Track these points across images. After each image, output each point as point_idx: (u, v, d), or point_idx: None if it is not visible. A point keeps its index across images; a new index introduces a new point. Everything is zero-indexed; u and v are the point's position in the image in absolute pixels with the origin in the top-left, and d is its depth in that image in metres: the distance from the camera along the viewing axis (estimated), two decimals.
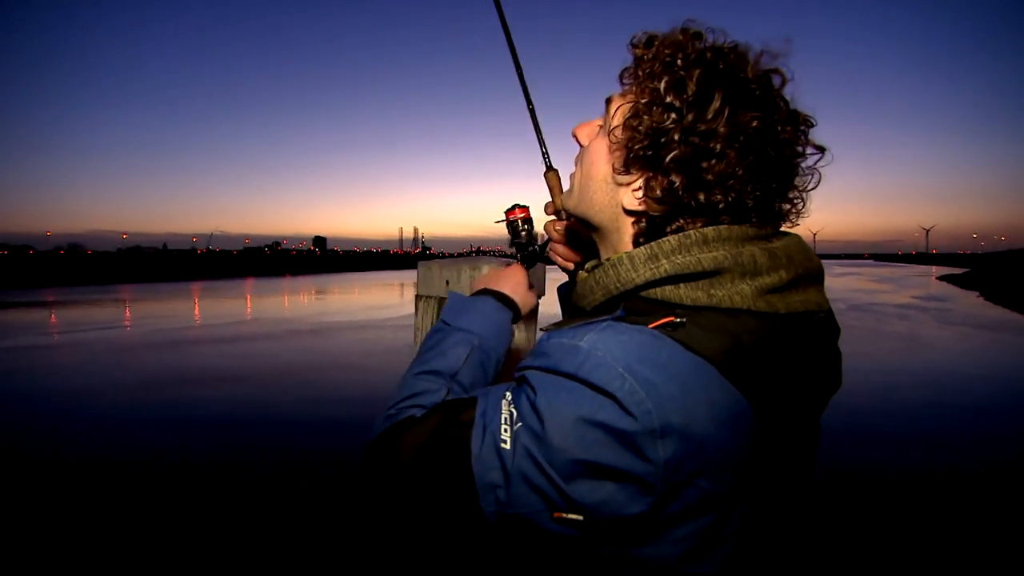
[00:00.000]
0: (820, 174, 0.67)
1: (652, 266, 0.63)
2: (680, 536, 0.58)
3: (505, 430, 0.59)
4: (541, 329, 0.75)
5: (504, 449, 0.59)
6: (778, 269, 0.62)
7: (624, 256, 0.66)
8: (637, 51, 0.66)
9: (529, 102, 1.08)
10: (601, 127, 0.73)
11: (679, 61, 0.62)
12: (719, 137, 0.60)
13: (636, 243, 0.69)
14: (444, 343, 0.82)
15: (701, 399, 0.55)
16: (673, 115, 0.61)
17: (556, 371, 0.59)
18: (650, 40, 0.66)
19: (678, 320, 0.59)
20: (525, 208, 1.02)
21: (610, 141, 0.68)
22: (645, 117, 0.63)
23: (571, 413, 0.56)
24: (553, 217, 0.99)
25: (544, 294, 1.46)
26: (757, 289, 0.60)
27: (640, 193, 0.66)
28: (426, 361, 0.80)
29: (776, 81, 0.64)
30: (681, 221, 0.65)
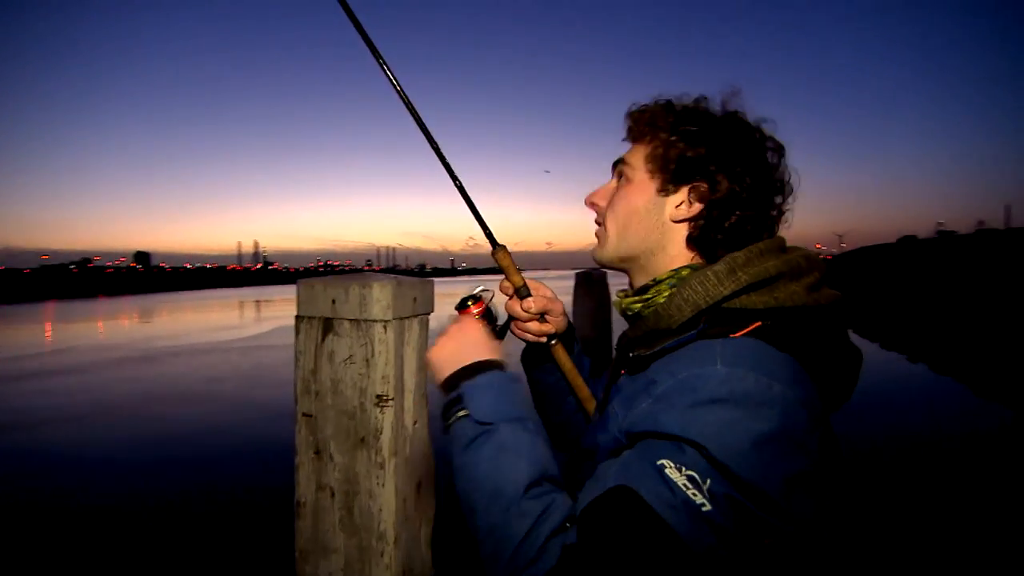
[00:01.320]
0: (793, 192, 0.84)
1: (734, 278, 0.72)
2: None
3: (695, 494, 0.58)
4: (624, 374, 0.80)
5: (707, 510, 0.58)
6: (812, 270, 0.75)
7: (708, 272, 0.74)
8: (650, 110, 0.85)
9: (455, 178, 1.04)
10: (623, 179, 0.87)
11: (692, 112, 0.82)
12: (731, 154, 0.79)
13: (691, 248, 0.82)
14: (507, 447, 0.71)
15: (807, 389, 0.65)
16: (696, 145, 0.79)
17: (707, 402, 0.62)
18: (657, 102, 0.85)
19: (763, 324, 0.69)
20: (480, 301, 0.96)
21: (650, 168, 0.83)
22: (672, 149, 0.81)
23: (746, 439, 0.59)
24: (512, 296, 1.00)
25: (432, 310, 1.48)
26: (806, 288, 0.73)
27: (684, 203, 0.81)
28: (512, 479, 0.68)
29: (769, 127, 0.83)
30: (729, 215, 0.79)
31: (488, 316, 0.96)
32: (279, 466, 4.87)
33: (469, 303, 0.95)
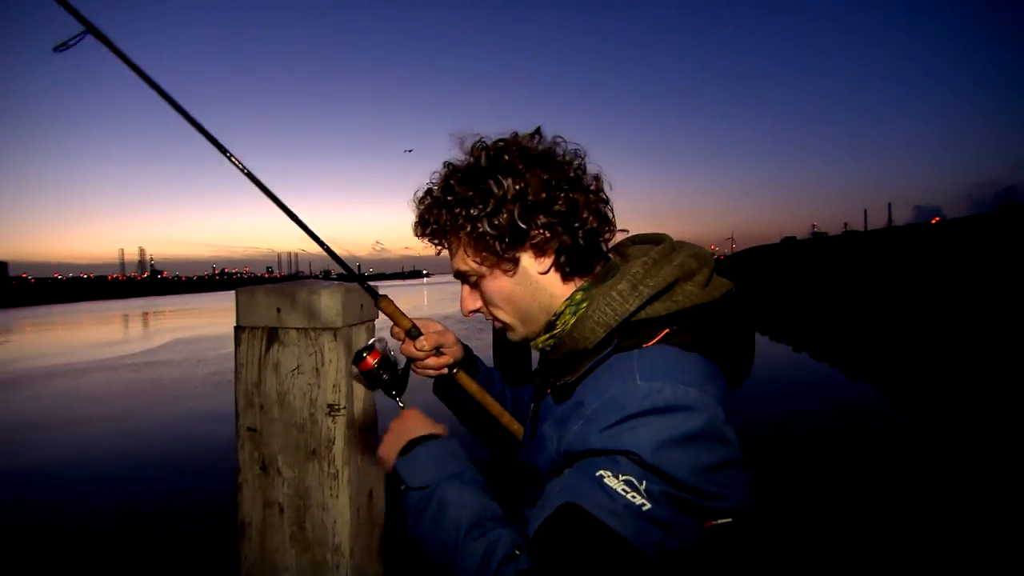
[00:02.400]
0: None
1: (636, 294, 0.76)
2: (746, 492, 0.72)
3: (634, 496, 0.63)
4: (550, 393, 0.83)
5: (647, 509, 0.63)
6: (701, 267, 0.80)
7: (612, 293, 0.77)
8: (431, 214, 0.84)
9: (316, 240, 1.03)
10: (476, 280, 0.86)
11: (464, 181, 0.81)
12: (535, 196, 0.79)
13: (570, 281, 0.84)
14: (446, 501, 0.77)
15: (717, 385, 0.71)
16: (497, 214, 0.78)
17: (633, 416, 0.66)
18: (427, 198, 0.85)
19: (670, 331, 0.74)
20: (375, 351, 0.98)
21: (482, 260, 0.82)
22: (486, 229, 0.79)
23: (672, 441, 0.65)
24: (405, 339, 1.01)
25: (377, 316, 1.46)
26: (699, 286, 0.78)
27: (537, 258, 0.82)
28: (454, 527, 0.75)
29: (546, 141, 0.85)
30: (577, 238, 0.80)
31: (385, 363, 0.99)
32: (202, 486, 4.50)
33: (365, 354, 0.98)
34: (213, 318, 25.14)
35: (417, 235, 0.88)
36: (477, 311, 0.90)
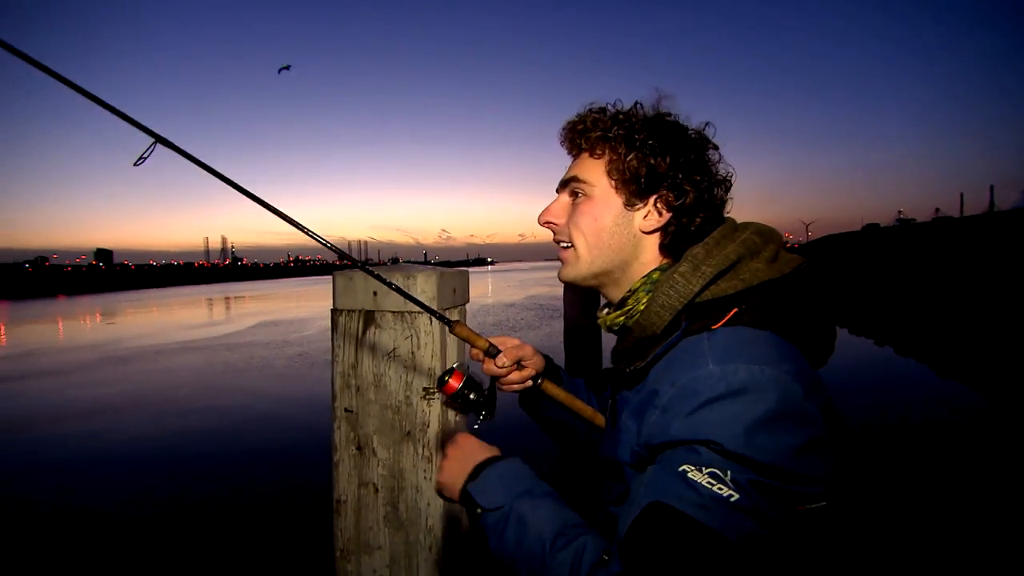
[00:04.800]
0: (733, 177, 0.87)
1: (699, 274, 0.75)
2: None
3: (720, 488, 0.61)
4: (623, 387, 0.82)
5: (736, 499, 0.61)
6: (767, 244, 0.78)
7: (674, 275, 0.77)
8: (598, 122, 0.84)
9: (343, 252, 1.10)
10: (580, 195, 0.86)
11: (644, 122, 0.82)
12: (689, 158, 0.81)
13: (663, 254, 0.83)
14: (524, 517, 0.77)
15: (794, 361, 0.68)
16: (657, 155, 0.80)
17: (709, 401, 0.65)
18: (603, 111, 0.85)
19: (739, 310, 0.72)
20: (456, 372, 0.98)
21: (614, 182, 0.83)
22: (634, 161, 0.81)
23: (752, 425, 0.63)
24: (484, 359, 1.01)
25: (468, 299, 1.46)
26: (766, 262, 0.77)
27: (652, 214, 0.82)
28: (538, 541, 0.73)
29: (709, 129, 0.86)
30: (694, 218, 0.81)
31: (470, 383, 0.99)
32: (295, 464, 4.76)
33: (447, 378, 0.98)
34: (290, 303, 26.51)
35: (569, 129, 0.87)
36: (552, 224, 0.89)
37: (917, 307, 16.33)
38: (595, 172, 0.84)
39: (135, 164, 1.02)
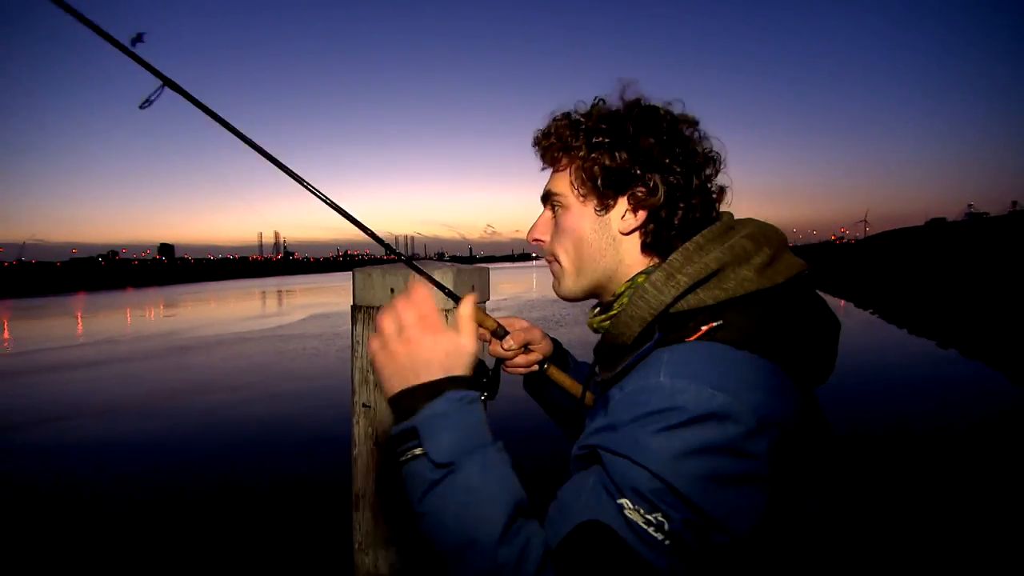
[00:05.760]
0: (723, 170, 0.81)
1: (672, 283, 0.70)
2: (792, 506, 0.65)
3: (655, 532, 0.58)
4: (597, 385, 0.78)
5: (668, 543, 0.58)
6: (760, 249, 0.72)
7: (645, 284, 0.72)
8: (557, 132, 0.80)
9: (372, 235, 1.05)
10: (557, 208, 0.83)
11: (599, 119, 0.77)
12: (656, 151, 0.75)
13: (647, 254, 0.78)
14: (472, 489, 0.63)
15: (762, 390, 0.63)
16: (617, 152, 0.75)
17: (648, 415, 0.61)
18: (564, 119, 0.81)
19: (716, 324, 0.66)
20: None
21: (580, 191, 0.79)
22: (593, 165, 0.76)
23: (684, 454, 0.59)
24: (491, 339, 0.99)
25: (488, 297, 1.45)
26: (756, 270, 0.70)
27: (628, 212, 0.77)
28: (483, 526, 0.61)
29: (677, 108, 0.80)
30: (674, 211, 0.75)
31: (477, 366, 0.96)
32: (333, 456, 4.91)
33: None
34: (339, 296, 27.29)
35: (535, 144, 0.84)
36: (540, 241, 0.86)
37: (987, 307, 15.31)
38: (563, 184, 0.81)
39: (140, 107, 0.97)
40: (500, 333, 0.98)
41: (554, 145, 0.81)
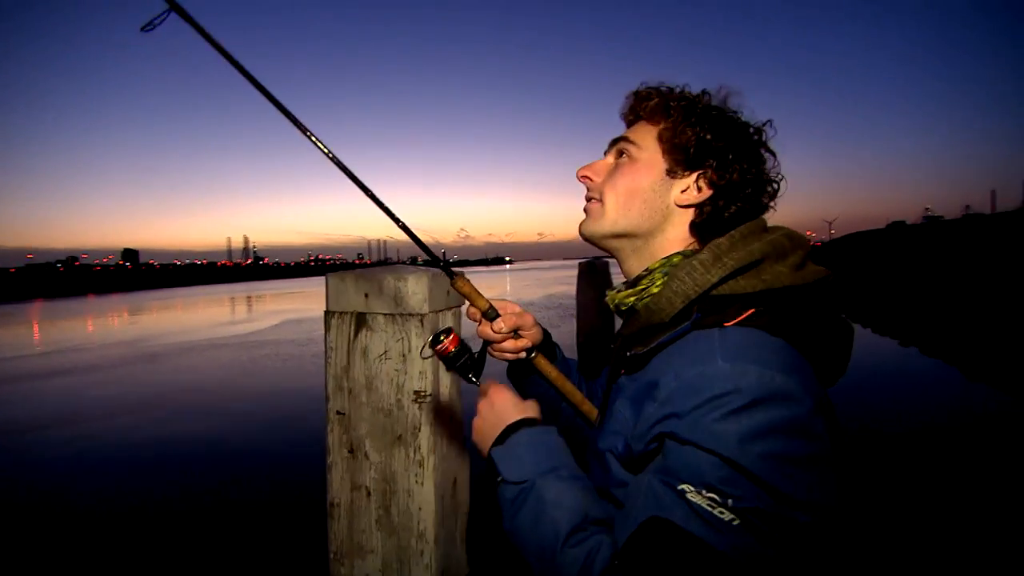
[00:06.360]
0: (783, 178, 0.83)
1: (720, 265, 0.71)
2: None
3: (721, 512, 0.59)
4: (620, 374, 0.78)
5: (737, 522, 0.59)
6: (796, 249, 0.75)
7: (694, 262, 0.73)
8: (661, 94, 0.83)
9: (399, 223, 1.01)
10: (624, 156, 0.84)
11: (705, 102, 0.81)
12: (742, 145, 0.79)
13: (691, 234, 0.80)
14: (544, 500, 0.73)
15: (805, 374, 0.65)
16: (710, 132, 0.78)
17: (713, 399, 0.61)
18: (670, 88, 0.84)
19: (754, 312, 0.69)
20: (451, 333, 0.95)
21: (663, 148, 0.81)
22: (688, 131, 0.79)
23: (755, 434, 0.60)
24: (481, 320, 0.98)
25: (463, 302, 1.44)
26: (791, 267, 0.73)
27: (692, 188, 0.79)
28: (553, 530, 0.71)
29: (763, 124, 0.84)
30: (731, 204, 0.78)
31: (463, 347, 0.96)
32: (310, 464, 4.80)
33: (442, 337, 0.95)
34: (312, 302, 26.84)
35: (632, 96, 0.86)
36: (588, 179, 0.87)
37: (945, 307, 15.90)
38: (647, 136, 0.83)
39: (142, 29, 0.96)
40: (491, 314, 0.97)
41: (656, 100, 0.83)
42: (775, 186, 0.82)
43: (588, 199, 0.87)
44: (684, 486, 0.60)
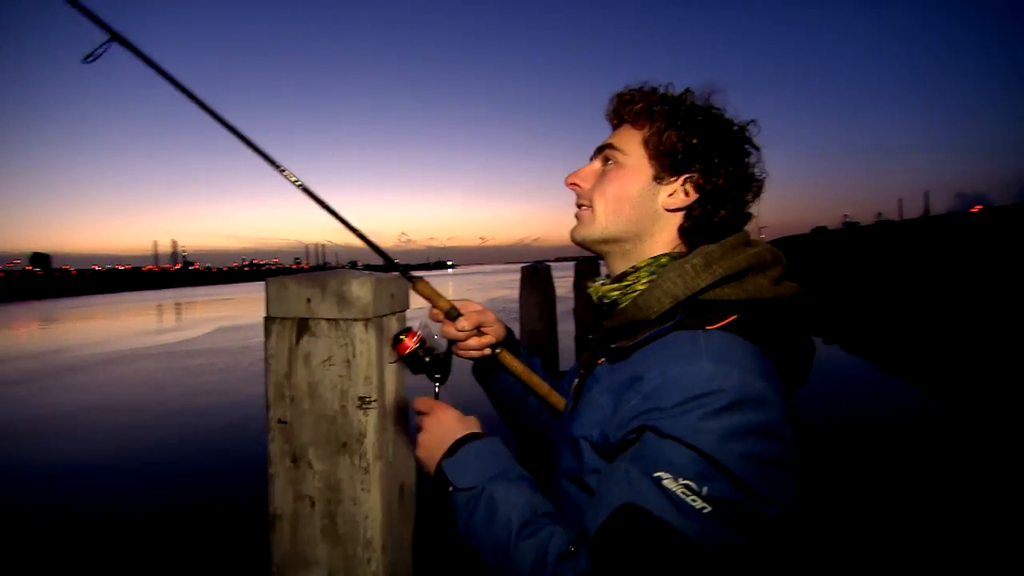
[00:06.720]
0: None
1: (710, 272, 0.74)
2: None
3: (694, 500, 0.61)
4: (602, 362, 0.81)
5: (708, 511, 0.61)
6: (775, 264, 0.79)
7: (686, 265, 0.76)
8: (645, 97, 0.84)
9: (353, 230, 1.00)
10: (611, 162, 0.86)
11: (690, 104, 0.83)
12: (727, 146, 0.81)
13: (679, 237, 0.83)
14: (495, 501, 0.76)
15: (778, 381, 0.69)
16: (696, 136, 0.80)
17: (697, 397, 0.64)
18: (653, 90, 0.85)
19: (736, 318, 0.72)
20: (412, 332, 0.95)
21: (648, 154, 0.83)
22: (673, 136, 0.81)
23: (732, 433, 0.63)
24: (444, 320, 0.99)
25: (408, 306, 1.43)
26: (771, 280, 0.77)
27: (679, 193, 0.82)
28: (505, 526, 0.73)
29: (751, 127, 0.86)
30: (719, 208, 0.81)
31: (424, 344, 0.96)
32: (250, 475, 4.59)
33: (402, 337, 0.95)
34: (247, 308, 25.74)
35: (615, 99, 0.87)
36: (577, 186, 0.89)
37: (862, 306, 17.08)
38: (632, 142, 0.84)
39: (84, 60, 0.94)
40: (453, 314, 0.98)
41: (639, 104, 0.84)
42: (760, 184, 0.85)
43: (579, 205, 0.90)
44: (660, 474, 0.63)
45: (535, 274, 6.46)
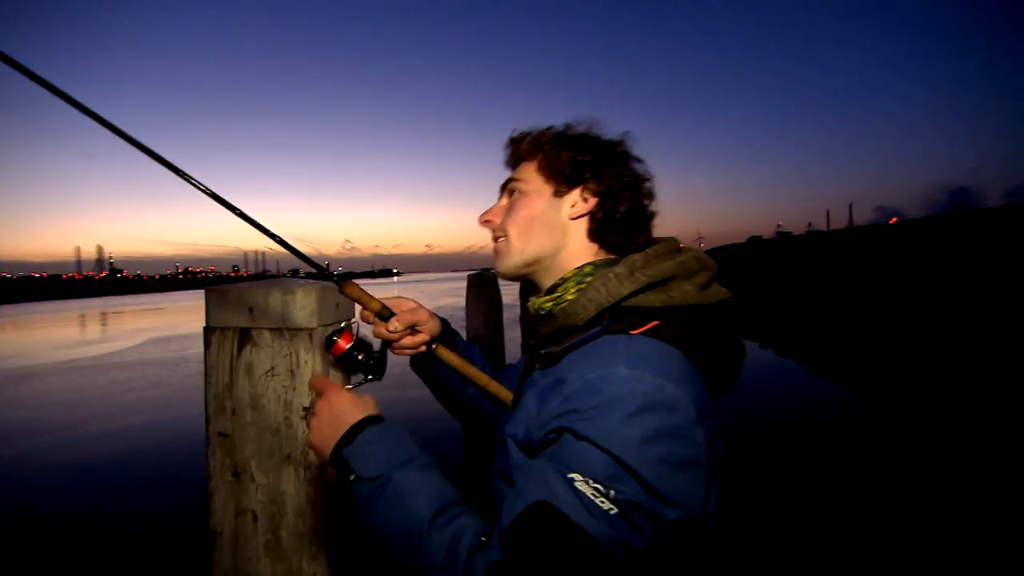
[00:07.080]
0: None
1: (632, 279, 0.79)
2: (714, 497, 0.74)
3: (602, 502, 0.64)
4: (537, 366, 0.84)
5: (615, 513, 0.63)
6: (702, 270, 0.83)
7: (610, 274, 0.80)
8: (533, 135, 0.93)
9: (266, 232, 0.98)
10: (516, 193, 0.93)
11: (571, 131, 0.92)
12: (610, 155, 0.90)
13: (591, 240, 0.88)
14: (402, 491, 0.75)
15: (695, 385, 0.72)
16: (582, 152, 0.89)
17: (610, 401, 0.67)
18: (540, 130, 0.94)
19: (659, 324, 0.75)
20: (346, 332, 0.95)
21: (544, 176, 0.90)
22: (562, 155, 0.89)
23: (641, 436, 0.65)
24: (376, 321, 1.01)
25: (354, 315, 1.42)
26: (697, 287, 0.80)
27: (578, 202, 0.89)
28: (415, 518, 0.72)
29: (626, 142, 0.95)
30: (618, 205, 0.87)
31: (360, 344, 0.97)
32: (188, 491, 4.36)
33: (335, 338, 0.95)
34: (181, 317, 24.51)
35: (508, 143, 0.96)
36: (490, 222, 0.95)
37: (794, 311, 18.01)
38: (529, 171, 0.92)
39: None
40: (385, 314, 1.00)
41: (528, 142, 0.93)
42: (649, 184, 0.91)
43: (495, 239, 0.94)
44: (574, 475, 0.65)
45: (482, 282, 6.46)
